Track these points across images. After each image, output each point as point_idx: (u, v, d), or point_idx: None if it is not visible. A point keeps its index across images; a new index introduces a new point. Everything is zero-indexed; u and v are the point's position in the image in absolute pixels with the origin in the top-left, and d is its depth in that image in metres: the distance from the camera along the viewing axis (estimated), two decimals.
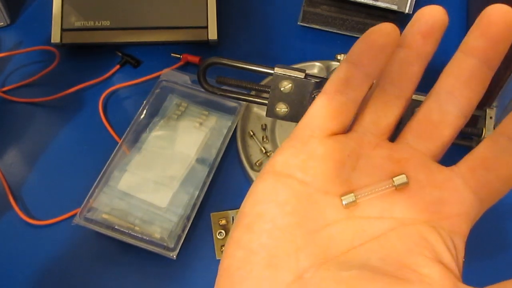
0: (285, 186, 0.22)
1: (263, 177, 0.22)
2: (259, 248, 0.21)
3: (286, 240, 0.21)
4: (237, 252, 0.21)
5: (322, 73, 0.58)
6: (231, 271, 0.21)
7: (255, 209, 0.22)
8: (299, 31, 0.64)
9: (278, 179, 0.22)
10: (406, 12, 0.57)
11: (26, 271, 0.47)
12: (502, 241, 0.50)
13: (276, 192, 0.22)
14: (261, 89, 0.46)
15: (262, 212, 0.21)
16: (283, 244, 0.21)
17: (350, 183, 0.22)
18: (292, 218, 0.21)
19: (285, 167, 0.22)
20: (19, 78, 0.58)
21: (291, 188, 0.22)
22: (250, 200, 0.22)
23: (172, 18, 0.58)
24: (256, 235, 0.21)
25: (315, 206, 0.22)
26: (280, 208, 0.21)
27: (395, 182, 0.22)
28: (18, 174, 0.52)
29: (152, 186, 0.49)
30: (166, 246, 0.46)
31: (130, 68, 0.60)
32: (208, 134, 0.53)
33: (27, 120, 0.56)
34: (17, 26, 0.63)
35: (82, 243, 0.48)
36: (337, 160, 0.22)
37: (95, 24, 0.58)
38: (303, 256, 0.20)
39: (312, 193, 0.22)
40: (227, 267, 0.21)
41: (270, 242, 0.21)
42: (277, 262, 0.20)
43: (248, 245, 0.21)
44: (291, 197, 0.21)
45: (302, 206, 0.21)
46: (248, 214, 0.22)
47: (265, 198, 0.22)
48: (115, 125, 0.55)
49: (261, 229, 0.21)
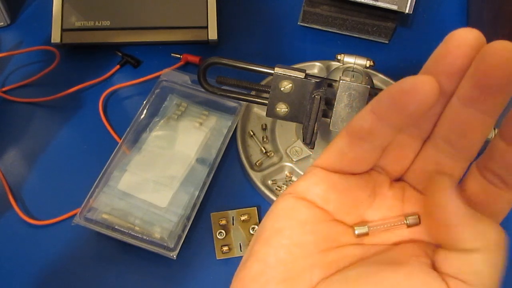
0: (305, 208, 0.22)
1: (284, 197, 0.23)
2: (276, 262, 0.21)
3: (303, 256, 0.21)
4: (254, 265, 0.22)
5: (322, 73, 0.58)
6: (246, 283, 0.21)
7: (275, 225, 0.22)
8: (299, 31, 0.64)
9: (299, 201, 0.22)
10: (406, 12, 0.57)
11: (26, 271, 0.47)
12: None
13: (297, 212, 0.22)
14: (261, 89, 0.46)
15: (282, 228, 0.22)
16: (299, 260, 0.21)
17: (364, 220, 0.23)
18: (310, 236, 0.22)
19: (307, 193, 0.23)
20: (19, 78, 0.58)
21: (311, 211, 0.22)
22: (271, 216, 0.23)
23: (172, 18, 0.58)
24: (274, 250, 0.22)
25: (331, 230, 0.22)
26: (300, 226, 0.22)
27: (408, 221, 0.23)
28: (18, 174, 0.52)
29: (152, 186, 0.49)
30: (166, 246, 0.46)
31: (130, 68, 0.60)
32: (208, 134, 0.53)
33: (27, 120, 0.56)
34: (17, 26, 0.63)
35: (82, 243, 0.48)
36: (357, 198, 0.23)
37: (95, 24, 0.58)
38: (317, 271, 0.21)
39: (330, 220, 0.22)
40: (243, 278, 0.22)
41: (287, 257, 0.21)
42: (293, 277, 0.21)
43: (266, 258, 0.21)
44: (311, 218, 0.22)
45: (320, 228, 0.22)
46: (268, 229, 0.22)
47: (285, 216, 0.22)
48: (115, 125, 0.55)
49: (279, 244, 0.22)
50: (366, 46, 0.63)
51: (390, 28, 0.61)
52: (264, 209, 0.50)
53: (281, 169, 0.52)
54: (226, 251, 0.47)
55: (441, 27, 0.65)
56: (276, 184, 0.51)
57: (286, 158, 0.52)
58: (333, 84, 0.42)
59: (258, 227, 0.24)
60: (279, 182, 0.51)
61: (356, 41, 0.63)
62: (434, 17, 0.66)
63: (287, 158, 0.52)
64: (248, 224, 0.49)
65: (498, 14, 0.54)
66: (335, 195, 0.22)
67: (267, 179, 0.51)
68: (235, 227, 0.49)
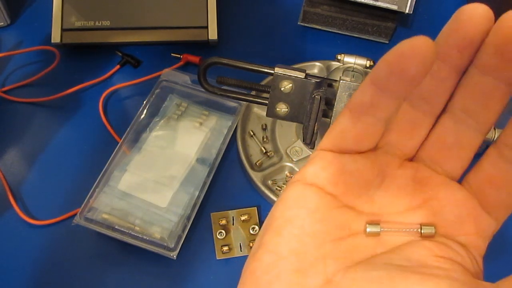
0: (315, 195, 0.22)
1: (293, 184, 0.22)
2: (288, 253, 0.21)
3: (315, 246, 0.21)
4: (265, 256, 0.21)
5: (322, 73, 0.58)
6: (257, 275, 0.21)
7: (285, 214, 0.22)
8: (299, 31, 0.64)
9: (308, 188, 0.22)
10: (406, 12, 0.57)
11: (26, 271, 0.47)
12: (502, 241, 0.50)
13: (307, 199, 0.22)
14: (261, 89, 0.46)
15: (292, 217, 0.21)
16: (311, 250, 0.21)
17: (375, 201, 0.23)
18: (321, 225, 0.21)
19: (316, 178, 0.22)
20: (19, 78, 0.58)
21: (321, 198, 0.22)
22: (281, 205, 0.22)
23: (172, 18, 0.58)
24: (285, 240, 0.21)
25: (341, 217, 0.22)
26: (310, 214, 0.21)
27: (423, 231, 0.22)
28: (18, 174, 0.52)
29: (152, 186, 0.49)
30: (166, 246, 0.46)
31: (130, 68, 0.60)
32: (208, 134, 0.53)
33: (27, 120, 0.56)
34: (17, 26, 0.63)
35: (82, 243, 0.48)
36: (366, 178, 0.22)
37: (95, 24, 0.58)
38: (330, 262, 0.21)
39: (339, 206, 0.22)
40: (253, 270, 0.21)
41: (299, 247, 0.21)
42: (306, 267, 0.20)
43: (277, 249, 0.21)
44: (321, 205, 0.22)
45: (330, 215, 0.22)
46: (278, 218, 0.22)
47: (295, 204, 0.22)
48: (115, 125, 0.55)
49: (290, 234, 0.21)
50: (366, 46, 0.63)
51: (390, 28, 0.61)
52: (264, 209, 0.50)
53: (281, 169, 0.52)
54: (226, 251, 0.47)
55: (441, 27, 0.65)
56: (276, 184, 0.51)
57: (286, 158, 0.52)
58: (333, 84, 0.42)
59: (266, 216, 0.23)
60: (279, 182, 0.51)
61: (356, 41, 0.63)
62: (434, 17, 0.66)
63: (287, 158, 0.52)
64: (248, 224, 0.49)
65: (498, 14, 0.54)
66: (343, 176, 0.22)
67: (267, 179, 0.51)
68: (235, 227, 0.49)
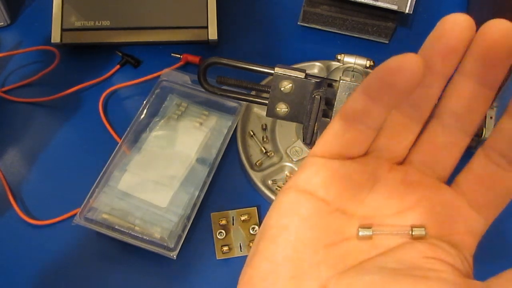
0: (307, 202, 0.22)
1: (286, 191, 0.23)
2: (284, 260, 0.21)
3: (309, 252, 0.21)
4: (262, 264, 0.21)
5: (322, 73, 0.58)
6: (254, 282, 0.21)
7: (279, 222, 0.22)
8: (299, 31, 0.64)
9: (301, 195, 0.22)
10: (406, 12, 0.57)
11: (26, 271, 0.47)
12: (502, 241, 0.50)
13: (300, 206, 0.22)
14: (261, 89, 0.46)
15: (286, 225, 0.22)
16: (306, 257, 0.21)
17: (366, 205, 0.23)
18: (314, 232, 0.22)
19: (308, 185, 0.22)
20: (19, 78, 0.58)
21: (313, 204, 0.22)
22: (274, 213, 0.23)
23: (172, 18, 0.58)
24: (281, 247, 0.21)
25: (334, 222, 0.22)
26: (304, 221, 0.22)
27: (413, 232, 0.22)
28: (18, 174, 0.52)
29: (152, 186, 0.49)
30: (166, 246, 0.46)
31: (130, 68, 0.60)
32: (208, 134, 0.53)
33: (27, 120, 0.56)
34: (17, 26, 0.63)
35: (82, 243, 0.48)
36: (357, 183, 0.23)
37: (95, 24, 0.58)
38: (325, 268, 0.21)
39: (332, 211, 0.22)
40: (250, 278, 0.22)
41: (294, 255, 0.21)
42: (301, 274, 0.21)
43: (273, 256, 0.21)
44: (314, 212, 0.22)
45: (323, 222, 0.22)
46: (272, 226, 0.22)
47: (289, 212, 0.22)
48: (115, 125, 0.55)
49: (285, 241, 0.21)
50: (366, 46, 0.63)
51: (390, 28, 0.61)
52: (264, 209, 0.50)
53: (281, 169, 0.52)
54: (226, 251, 0.47)
55: None
56: (276, 184, 0.51)
57: (286, 158, 0.52)
58: (333, 84, 0.42)
59: (261, 224, 0.24)
60: (279, 182, 0.51)
61: (356, 41, 0.63)
62: (434, 17, 0.66)
63: (287, 158, 0.52)
64: (248, 224, 0.49)
65: (498, 14, 0.54)
66: (335, 182, 0.22)
67: (267, 179, 0.51)
68: (235, 227, 0.49)
